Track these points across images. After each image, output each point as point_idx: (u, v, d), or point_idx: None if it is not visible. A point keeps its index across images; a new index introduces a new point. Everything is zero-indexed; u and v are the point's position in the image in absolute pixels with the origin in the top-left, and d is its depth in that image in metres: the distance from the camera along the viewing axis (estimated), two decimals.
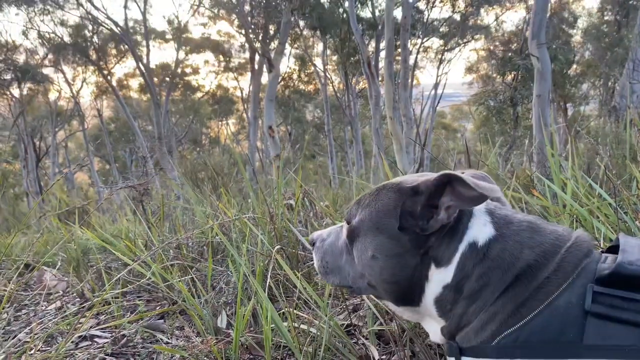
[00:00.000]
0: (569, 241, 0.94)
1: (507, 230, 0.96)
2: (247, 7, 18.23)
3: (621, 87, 12.36)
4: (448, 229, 0.97)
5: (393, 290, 1.04)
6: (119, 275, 2.14)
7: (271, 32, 19.16)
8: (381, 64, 17.17)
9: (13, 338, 1.88)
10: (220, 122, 33.29)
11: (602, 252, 0.97)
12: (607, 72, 18.31)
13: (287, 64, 26.25)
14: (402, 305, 1.07)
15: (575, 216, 1.88)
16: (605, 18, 20.88)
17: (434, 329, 1.06)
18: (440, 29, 24.03)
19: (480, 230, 0.97)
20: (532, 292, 0.89)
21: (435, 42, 25.68)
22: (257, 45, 19.05)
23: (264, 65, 18.01)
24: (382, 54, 16.94)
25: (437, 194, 0.95)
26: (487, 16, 24.15)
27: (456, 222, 0.98)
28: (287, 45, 19.76)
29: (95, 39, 23.39)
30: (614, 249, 0.94)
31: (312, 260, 2.19)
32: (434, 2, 21.82)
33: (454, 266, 0.96)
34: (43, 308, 2.42)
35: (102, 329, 2.06)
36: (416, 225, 0.98)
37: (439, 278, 0.98)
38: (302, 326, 1.69)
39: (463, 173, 1.11)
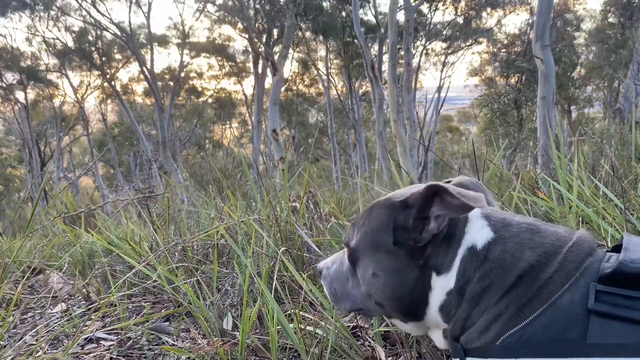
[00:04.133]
0: (570, 241, 0.94)
1: (505, 232, 0.97)
2: (251, 11, 18.30)
3: (626, 88, 12.34)
4: (444, 236, 0.98)
5: (398, 306, 1.05)
6: (124, 278, 2.15)
7: (275, 36, 19.21)
8: (384, 67, 17.18)
9: (19, 340, 1.89)
10: (223, 126, 33.37)
11: (607, 251, 0.97)
12: (612, 74, 18.26)
13: (290, 68, 26.34)
14: (410, 320, 1.07)
15: (581, 217, 1.87)
16: (609, 20, 20.84)
17: (439, 336, 1.06)
18: (443, 32, 24.04)
19: (477, 233, 0.97)
20: (535, 292, 0.89)
21: (438, 45, 25.73)
22: (261, 49, 19.11)
23: (268, 69, 18.08)
24: (385, 57, 16.98)
25: (427, 206, 0.96)
26: (490, 19, 24.16)
27: (453, 229, 0.98)
28: (290, 49, 19.79)
29: (99, 44, 23.51)
30: (619, 248, 0.94)
31: (317, 262, 2.20)
32: (436, 5, 21.86)
33: (454, 271, 0.97)
34: (49, 311, 2.43)
35: (107, 331, 2.07)
36: (410, 238, 0.98)
37: (441, 285, 0.99)
38: (308, 328, 1.69)
39: (450, 182, 1.12)
